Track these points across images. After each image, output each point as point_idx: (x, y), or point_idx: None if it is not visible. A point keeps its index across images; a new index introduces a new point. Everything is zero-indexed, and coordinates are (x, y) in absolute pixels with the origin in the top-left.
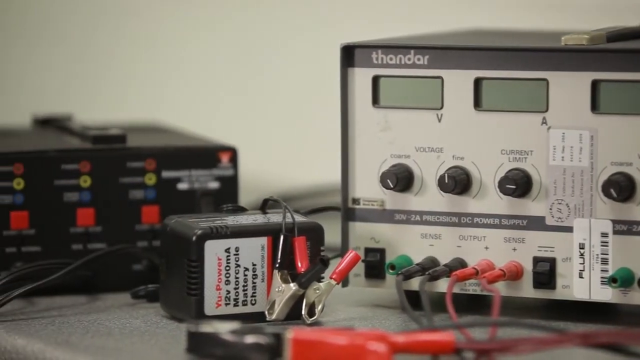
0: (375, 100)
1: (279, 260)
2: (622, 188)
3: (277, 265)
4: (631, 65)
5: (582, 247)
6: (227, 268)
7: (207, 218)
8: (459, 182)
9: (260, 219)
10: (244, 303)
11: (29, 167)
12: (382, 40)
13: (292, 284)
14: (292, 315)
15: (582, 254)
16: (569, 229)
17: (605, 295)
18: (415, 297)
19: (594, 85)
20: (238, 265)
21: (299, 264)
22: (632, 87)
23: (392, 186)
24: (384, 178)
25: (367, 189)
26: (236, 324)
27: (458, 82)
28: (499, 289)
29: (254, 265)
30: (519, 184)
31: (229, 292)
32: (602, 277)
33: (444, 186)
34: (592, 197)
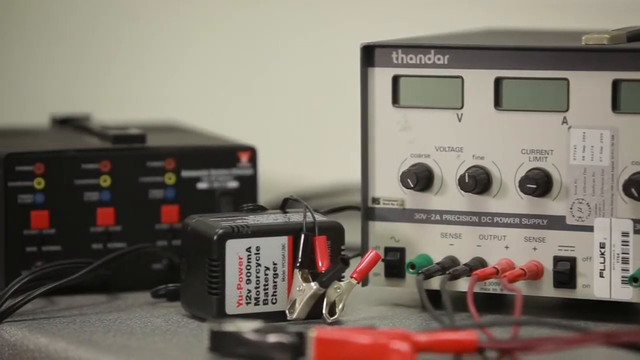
0: (395, 99)
1: (299, 260)
2: None
3: (298, 264)
4: None
5: (602, 246)
6: (248, 267)
7: (228, 217)
8: (479, 181)
9: (280, 218)
10: (265, 302)
11: (50, 166)
12: (402, 40)
13: (312, 283)
14: (313, 315)
15: (602, 254)
16: (590, 229)
17: (626, 294)
18: (435, 296)
19: (615, 84)
20: (259, 265)
21: (320, 263)
22: None
23: (412, 186)
24: (404, 177)
25: (387, 189)
26: (259, 323)
27: (478, 82)
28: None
29: (274, 264)
30: (539, 184)
31: (249, 291)
32: (622, 277)
33: (464, 186)
34: (613, 197)
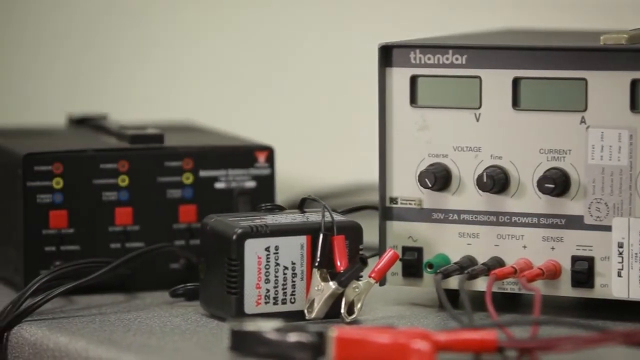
0: (413, 99)
1: (318, 259)
2: None
3: (317, 264)
4: None
5: (620, 246)
6: (267, 267)
7: (246, 217)
8: (497, 181)
9: (299, 217)
10: (284, 301)
11: (68, 166)
12: (420, 40)
13: (331, 283)
14: (331, 314)
15: (620, 253)
16: (608, 228)
17: None
18: (452, 295)
19: (633, 84)
20: (278, 264)
21: (338, 263)
22: None
23: (430, 185)
24: (422, 177)
25: (405, 188)
26: (279, 323)
27: (496, 82)
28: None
29: (293, 264)
30: (557, 183)
31: (268, 290)
32: None
33: (482, 185)
34: (631, 196)
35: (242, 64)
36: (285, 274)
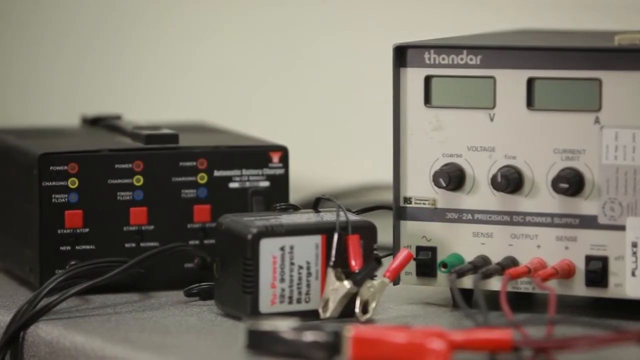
0: (427, 100)
1: (333, 259)
2: None
3: (331, 263)
4: None
5: (634, 245)
6: (282, 266)
7: (261, 217)
8: (511, 181)
9: (313, 217)
10: (299, 301)
11: (84, 166)
12: (434, 41)
13: (346, 282)
14: (345, 313)
15: (634, 253)
16: (622, 228)
17: None
18: (466, 295)
19: None
20: (292, 264)
21: (353, 262)
22: None
23: (444, 185)
24: (436, 177)
25: (419, 188)
26: (295, 322)
27: (511, 82)
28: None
29: (308, 263)
30: (571, 183)
31: (283, 289)
32: None
33: (496, 185)
34: None
35: (255, 64)
36: (300, 273)
